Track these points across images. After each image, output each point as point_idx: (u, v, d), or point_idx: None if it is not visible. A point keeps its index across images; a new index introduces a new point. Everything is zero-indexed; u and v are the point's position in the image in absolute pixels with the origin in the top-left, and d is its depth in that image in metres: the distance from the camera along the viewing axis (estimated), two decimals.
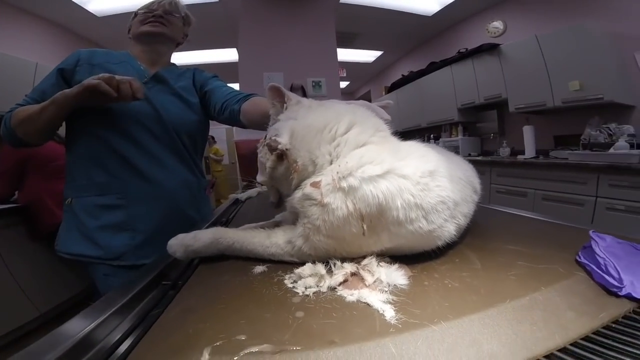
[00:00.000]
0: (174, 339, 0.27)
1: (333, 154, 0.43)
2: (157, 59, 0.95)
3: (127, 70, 0.87)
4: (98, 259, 0.81)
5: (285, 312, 0.30)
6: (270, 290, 0.36)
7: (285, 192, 0.48)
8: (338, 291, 0.35)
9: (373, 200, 0.37)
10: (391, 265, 0.39)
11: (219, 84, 0.98)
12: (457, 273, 0.37)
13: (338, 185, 0.38)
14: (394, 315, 0.28)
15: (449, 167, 0.45)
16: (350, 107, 0.49)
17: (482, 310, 0.28)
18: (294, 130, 0.44)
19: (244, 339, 0.26)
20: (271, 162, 0.45)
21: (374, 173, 0.38)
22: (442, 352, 0.24)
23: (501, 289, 0.31)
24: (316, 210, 0.40)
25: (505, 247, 0.45)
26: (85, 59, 0.84)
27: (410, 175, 0.39)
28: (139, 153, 0.84)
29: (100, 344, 0.32)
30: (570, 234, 0.52)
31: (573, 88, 2.44)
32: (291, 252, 0.43)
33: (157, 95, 0.88)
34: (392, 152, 0.41)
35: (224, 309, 0.32)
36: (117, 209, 0.82)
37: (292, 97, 0.49)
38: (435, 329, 0.26)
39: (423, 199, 0.39)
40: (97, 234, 0.81)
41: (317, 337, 0.26)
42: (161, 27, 0.92)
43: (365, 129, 0.45)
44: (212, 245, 0.48)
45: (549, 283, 0.32)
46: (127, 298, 0.38)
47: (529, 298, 0.29)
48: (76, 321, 0.34)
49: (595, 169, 2.07)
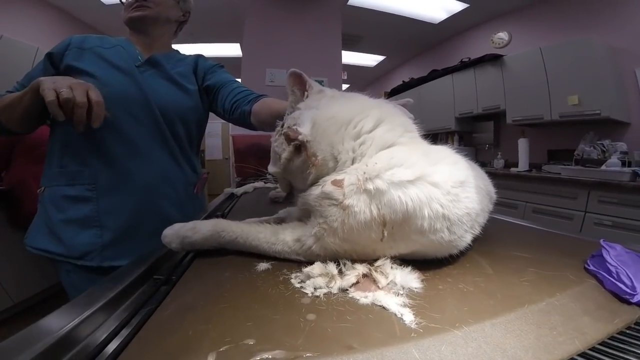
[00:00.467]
0: (171, 341, 0.24)
1: (357, 151, 0.40)
2: (152, 43, 0.89)
3: (120, 54, 0.82)
4: (60, 256, 0.73)
5: (295, 314, 0.28)
6: (276, 290, 0.33)
7: (298, 187, 0.45)
8: (350, 293, 0.32)
9: (400, 207, 0.34)
10: (404, 267, 0.36)
11: (225, 77, 0.93)
12: (470, 278, 0.36)
13: (363, 187, 0.35)
14: (414, 319, 0.27)
15: (475, 177, 0.43)
16: (377, 102, 0.46)
17: (502, 314, 0.27)
18: (316, 120, 0.41)
19: (253, 344, 0.23)
20: (288, 153, 0.42)
21: (405, 178, 0.35)
22: (467, 357, 0.23)
23: (517, 294, 0.31)
24: (335, 211, 0.37)
25: (513, 254, 0.45)
26: (76, 43, 0.80)
27: (442, 183, 0.36)
28: (115, 139, 0.75)
29: (84, 343, 0.29)
30: (572, 242, 0.55)
31: (572, 102, 2.46)
32: (299, 250, 0.41)
33: (148, 79, 0.82)
34: (423, 156, 0.38)
35: (226, 308, 0.29)
36: (85, 201, 0.74)
37: (314, 85, 0.47)
38: (457, 334, 0.25)
39: (451, 210, 0.36)
40: (61, 229, 0.74)
41: (333, 342, 0.24)
42: (142, 10, 0.84)
43: (394, 127, 0.42)
44: (212, 238, 0.45)
45: (562, 289, 0.32)
46: (114, 292, 0.35)
47: (546, 303, 0.29)
48: (57, 316, 0.31)
49: (586, 185, 2.10)
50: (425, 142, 0.46)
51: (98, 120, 0.62)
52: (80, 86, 0.60)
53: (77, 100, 0.58)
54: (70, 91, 0.58)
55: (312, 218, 0.41)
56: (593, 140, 2.45)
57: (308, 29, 2.87)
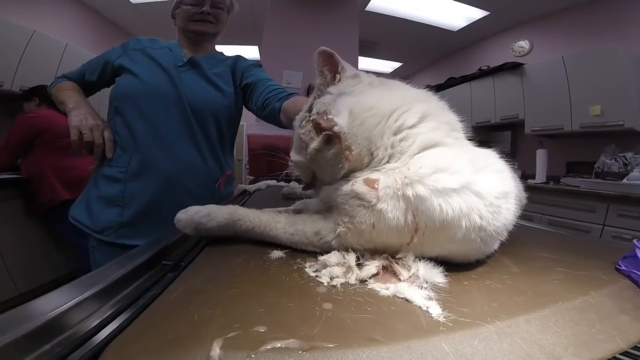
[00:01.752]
0: (174, 326, 0.22)
1: (396, 148, 0.36)
2: (200, 49, 0.97)
3: (166, 55, 0.90)
4: (87, 228, 0.83)
5: (310, 303, 0.26)
6: (290, 278, 0.31)
7: (324, 180, 0.41)
8: (369, 284, 0.30)
9: (439, 215, 0.31)
10: (427, 262, 0.34)
11: (261, 75, 0.95)
12: (496, 275, 0.34)
13: (401, 192, 0.32)
14: (441, 312, 0.24)
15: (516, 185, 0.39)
16: (422, 94, 0.42)
17: (535, 310, 0.25)
18: (353, 110, 0.37)
19: (264, 332, 0.21)
20: (317, 144, 0.37)
21: (449, 185, 0.31)
22: (503, 353, 0.21)
23: (547, 292, 0.29)
24: (364, 213, 0.34)
25: (538, 255, 0.43)
26: (132, 46, 0.92)
27: (485, 194, 0.33)
28: (148, 131, 0.84)
29: (77, 326, 0.28)
30: (597, 245, 0.53)
31: (594, 113, 2.38)
32: (316, 243, 0.38)
33: (186, 78, 0.88)
34: (469, 161, 0.34)
35: (237, 293, 0.27)
36: (116, 182, 0.83)
37: (348, 68, 0.42)
38: (491, 329, 0.22)
39: (490, 223, 0.33)
40: (93, 203, 0.84)
41: (352, 333, 0.21)
42: (209, 27, 0.93)
43: (440, 124, 0.38)
44: (228, 226, 0.43)
45: (596, 288, 0.30)
46: (116, 276, 0.34)
47: (581, 301, 0.28)
48: (50, 298, 0.29)
49: (606, 198, 2.03)
50: (471, 144, 0.42)
51: (110, 152, 0.82)
52: (98, 129, 0.79)
53: (96, 142, 0.78)
54: (90, 134, 0.77)
55: (334, 213, 0.38)
56: (615, 153, 2.36)
57: (325, 34, 2.89)
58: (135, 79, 0.85)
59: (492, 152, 0.41)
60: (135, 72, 0.86)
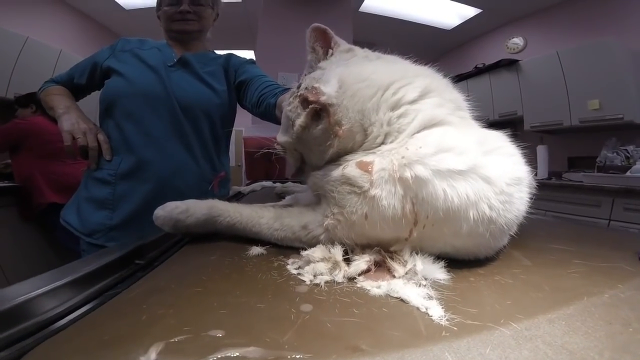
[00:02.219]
0: (116, 326, 0.19)
1: (393, 125, 0.32)
2: (190, 48, 0.94)
3: (154, 55, 0.87)
4: (77, 230, 0.81)
5: (285, 304, 0.21)
6: (267, 276, 0.27)
7: (312, 162, 0.37)
8: (358, 282, 0.26)
9: (443, 204, 0.27)
10: (426, 255, 0.29)
11: (255, 72, 0.92)
12: (506, 269, 0.30)
13: (398, 175, 0.27)
14: (444, 314, 0.20)
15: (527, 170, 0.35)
16: (423, 69, 0.38)
17: (557, 309, 0.22)
18: (344, 80, 0.32)
19: (220, 336, 0.17)
20: (303, 120, 0.33)
21: (455, 167, 0.27)
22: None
23: (568, 286, 0.26)
24: (356, 201, 0.29)
25: (550, 247, 0.39)
26: (120, 47, 0.89)
27: (496, 180, 0.28)
28: (137, 131, 0.81)
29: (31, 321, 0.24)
30: (612, 235, 0.49)
31: (592, 107, 2.35)
32: (303, 238, 0.34)
33: (176, 77, 0.86)
34: (477, 142, 0.30)
35: (200, 292, 0.23)
36: (106, 184, 0.80)
37: (342, 43, 0.39)
38: (505, 332, 0.18)
39: (499, 214, 0.29)
40: (83, 205, 0.82)
41: (332, 340, 0.17)
42: (191, 24, 0.90)
43: (444, 101, 0.34)
44: (207, 223, 0.39)
45: (623, 280, 0.27)
46: (79, 274, 0.29)
47: (609, 296, 0.24)
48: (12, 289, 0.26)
49: (610, 192, 1.98)
50: (478, 125, 0.37)
51: (108, 154, 0.79)
52: (91, 132, 0.77)
53: (90, 145, 0.76)
54: (84, 138, 0.75)
55: (323, 204, 0.34)
56: (616, 146, 2.32)
57: None
58: (124, 80, 0.83)
59: (501, 134, 0.36)
60: (124, 73, 0.84)
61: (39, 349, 0.18)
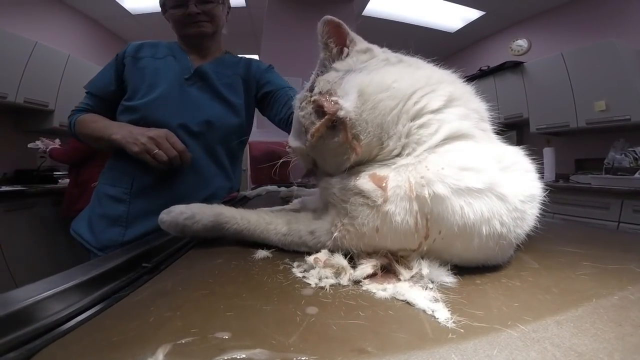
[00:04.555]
0: (124, 328, 0.19)
1: (412, 137, 0.30)
2: (206, 52, 0.90)
3: (170, 66, 0.84)
4: (88, 244, 0.80)
5: (291, 307, 0.22)
6: (273, 279, 0.27)
7: (327, 170, 0.36)
8: (364, 285, 0.26)
9: (459, 220, 0.26)
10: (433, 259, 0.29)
11: (279, 82, 0.89)
12: (514, 272, 0.30)
13: (415, 194, 0.27)
14: (450, 316, 0.20)
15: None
16: (448, 74, 0.35)
17: (565, 310, 0.21)
18: (363, 91, 0.30)
19: (227, 338, 0.17)
20: (318, 129, 0.31)
21: (473, 185, 0.26)
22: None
23: (577, 288, 0.25)
24: (368, 214, 0.29)
25: (559, 249, 0.38)
26: (131, 52, 0.84)
27: (510, 197, 0.28)
28: None
29: (41, 322, 0.24)
30: (621, 237, 0.49)
31: (599, 108, 2.32)
32: (309, 243, 0.34)
33: (194, 94, 0.83)
34: (496, 158, 0.29)
35: (206, 295, 0.23)
36: (120, 202, 0.80)
37: (359, 41, 0.36)
38: (513, 334, 0.18)
39: (511, 231, 0.28)
40: (96, 221, 0.81)
41: (337, 343, 0.17)
42: (205, 26, 0.84)
43: (469, 112, 0.32)
44: (214, 229, 0.39)
45: (633, 282, 0.26)
46: (87, 277, 0.30)
47: (619, 297, 0.24)
48: (20, 292, 0.26)
49: (619, 194, 1.95)
50: (496, 138, 0.36)
51: (187, 165, 0.73)
52: (164, 141, 0.69)
53: (172, 157, 0.69)
54: (161, 153, 0.68)
55: (331, 212, 0.33)
56: (624, 148, 2.29)
57: None
58: (140, 100, 0.79)
59: (519, 149, 0.35)
60: (137, 89, 0.81)
61: (47, 351, 0.19)
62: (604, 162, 2.35)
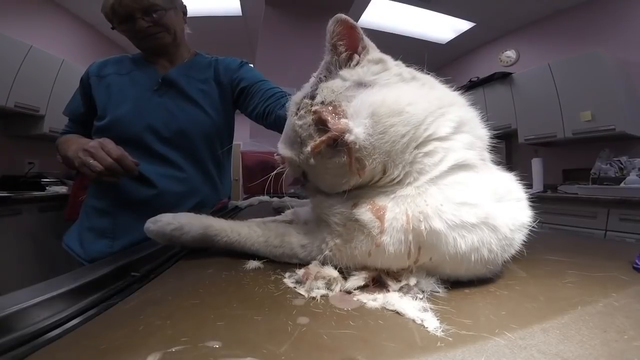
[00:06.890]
0: (113, 336, 0.19)
1: (415, 165, 0.29)
2: (172, 58, 0.88)
3: (136, 80, 0.83)
4: (78, 256, 0.80)
5: (282, 316, 0.22)
6: (264, 289, 0.27)
7: (320, 188, 0.34)
8: (355, 296, 0.26)
9: (451, 250, 0.26)
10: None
11: (252, 77, 0.87)
12: (502, 281, 0.31)
13: (411, 226, 0.26)
14: (439, 325, 0.21)
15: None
16: (455, 95, 0.34)
17: (552, 318, 0.22)
18: (375, 113, 0.28)
19: (218, 347, 0.17)
20: (317, 145, 0.29)
21: (469, 220, 0.27)
22: None
23: (563, 296, 0.26)
24: (362, 239, 0.28)
25: (545, 258, 0.39)
26: (95, 72, 0.84)
27: (501, 227, 0.28)
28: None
29: (27, 329, 0.24)
30: (607, 245, 0.51)
31: (584, 118, 2.39)
32: (300, 256, 0.34)
33: (165, 103, 0.81)
34: (492, 190, 0.29)
35: (197, 304, 0.23)
36: (105, 215, 0.80)
37: (372, 48, 0.33)
38: (500, 342, 0.19)
39: (498, 257, 0.29)
40: (85, 234, 0.81)
41: (328, 352, 0.17)
42: (161, 37, 0.81)
43: (475, 140, 0.31)
44: (203, 241, 0.39)
45: (617, 289, 0.27)
46: (75, 285, 0.30)
47: (604, 304, 0.25)
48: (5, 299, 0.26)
49: (606, 203, 2.01)
50: (492, 165, 0.35)
51: (131, 171, 0.66)
52: (98, 150, 0.64)
53: (107, 166, 0.64)
54: (95, 163, 0.63)
55: (323, 229, 0.33)
56: (609, 158, 2.36)
57: (318, 49, 2.90)
58: (109, 118, 0.79)
59: (511, 176, 0.35)
60: (105, 108, 0.80)
61: (33, 357, 0.18)
62: (591, 172, 2.41)
